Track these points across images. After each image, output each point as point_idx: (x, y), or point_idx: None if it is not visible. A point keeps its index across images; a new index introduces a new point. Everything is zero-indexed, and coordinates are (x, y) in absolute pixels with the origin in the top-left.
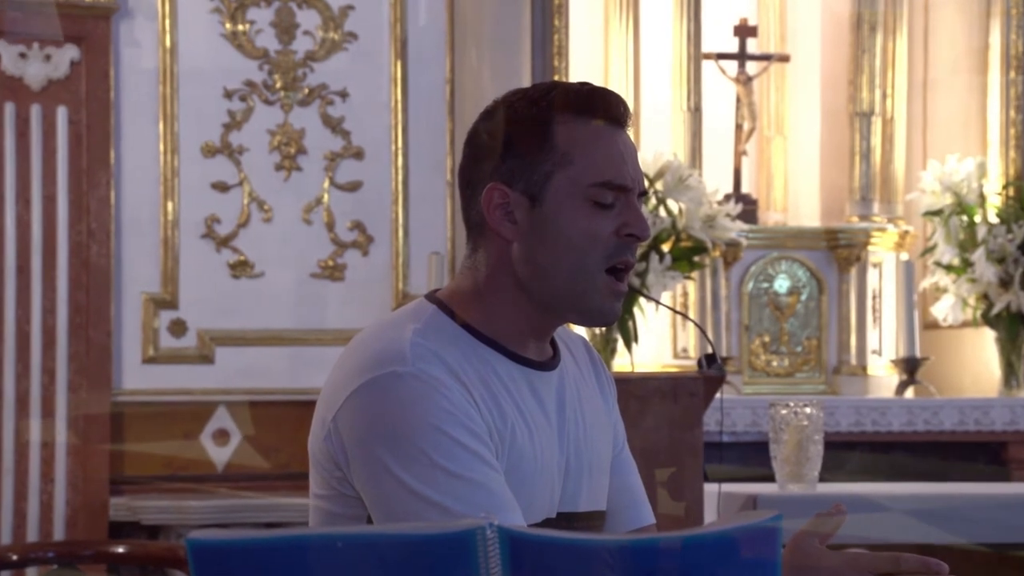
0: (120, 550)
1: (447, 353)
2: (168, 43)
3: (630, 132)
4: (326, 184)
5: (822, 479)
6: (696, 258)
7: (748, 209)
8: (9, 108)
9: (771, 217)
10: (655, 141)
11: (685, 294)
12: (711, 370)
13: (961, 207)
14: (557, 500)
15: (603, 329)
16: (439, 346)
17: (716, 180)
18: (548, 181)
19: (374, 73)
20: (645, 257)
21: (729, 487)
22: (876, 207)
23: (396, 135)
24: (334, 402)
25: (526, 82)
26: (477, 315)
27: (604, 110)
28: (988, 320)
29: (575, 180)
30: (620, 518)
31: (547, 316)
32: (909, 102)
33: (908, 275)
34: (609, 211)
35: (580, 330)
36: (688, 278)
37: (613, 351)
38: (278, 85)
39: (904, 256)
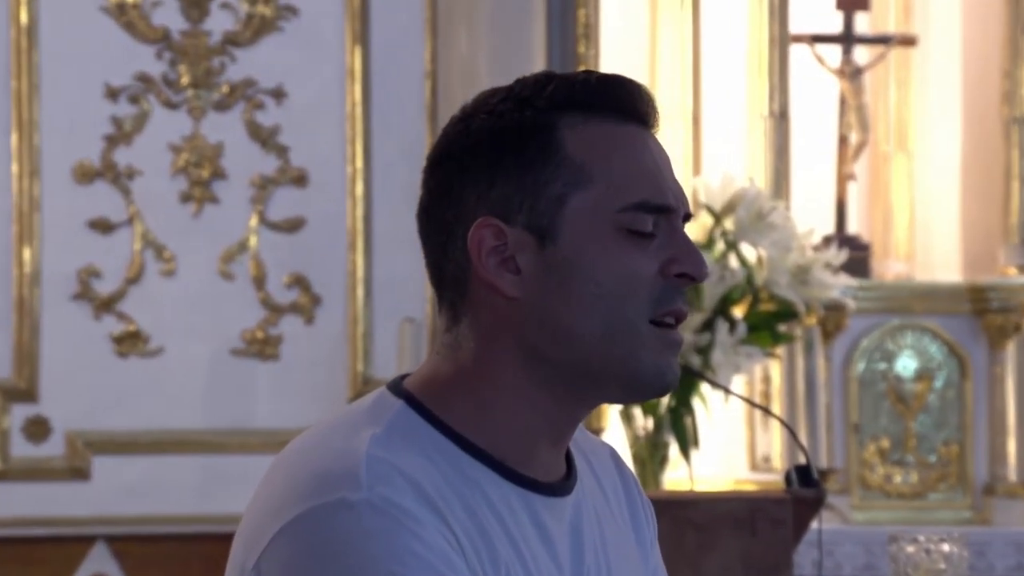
0: None
1: (419, 471)
2: (24, 19)
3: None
4: (254, 222)
5: None
6: (783, 327)
7: (857, 257)
8: None
9: (890, 268)
10: (722, 160)
11: (767, 379)
12: (805, 489)
13: None
14: None
15: (648, 429)
16: (407, 461)
17: (810, 215)
18: (561, 208)
19: (322, 64)
20: (710, 326)
21: None
22: None
23: (354, 152)
24: (257, 541)
25: (538, 66)
26: (463, 414)
27: (624, 105)
28: None
29: (599, 203)
30: None
31: (570, 404)
32: None
33: None
34: (649, 242)
35: (613, 431)
36: (771, 356)
37: (663, 460)
38: (184, 81)
39: None
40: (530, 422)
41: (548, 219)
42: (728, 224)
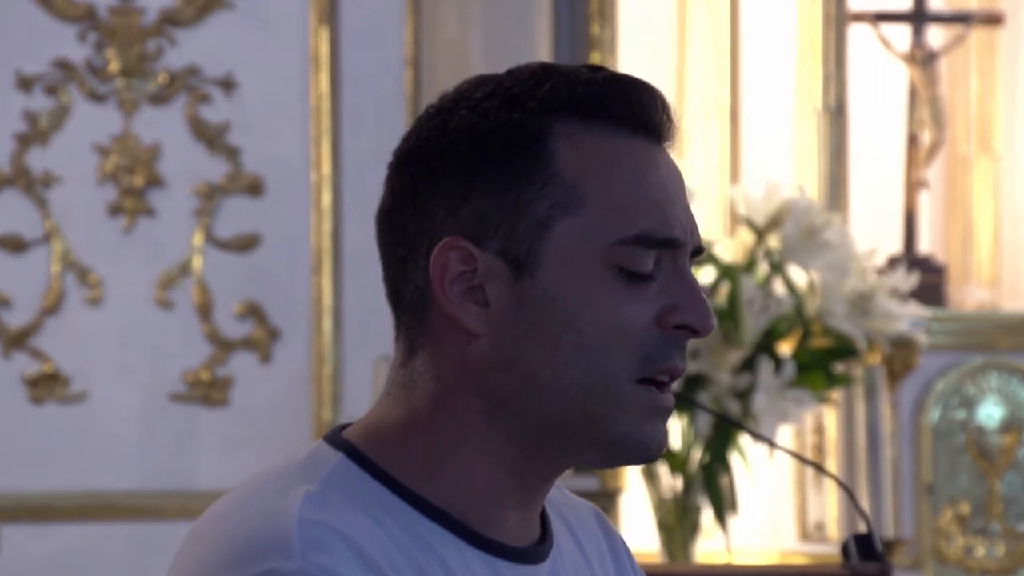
0: None
1: (362, 533)
2: None
3: (673, 152)
4: (198, 239)
5: None
6: (839, 367)
7: (930, 282)
8: None
9: (970, 295)
10: (765, 165)
11: (820, 430)
12: (866, 563)
13: None
14: None
15: (676, 490)
16: (347, 521)
17: (873, 232)
18: (544, 234)
19: (281, 49)
20: (751, 365)
21: None
22: None
23: (319, 155)
24: None
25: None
26: (414, 466)
27: (636, 114)
28: None
29: (590, 233)
30: None
31: (542, 461)
32: None
33: None
34: (647, 285)
35: (633, 492)
36: (825, 402)
37: (695, 528)
38: (113, 68)
39: None
40: (495, 478)
41: (528, 246)
42: (773, 242)
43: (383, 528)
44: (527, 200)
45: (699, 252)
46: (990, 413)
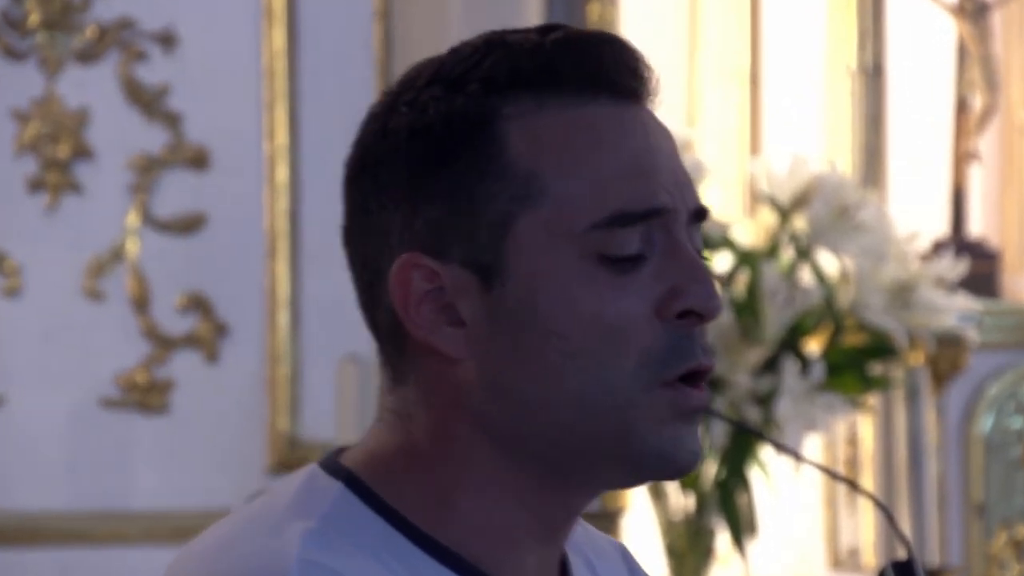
0: None
1: None
2: None
3: (656, 110)
4: (133, 220)
5: None
6: (876, 368)
7: (982, 269)
8: None
9: None
10: (791, 135)
11: (854, 441)
12: None
13: None
14: None
15: (688, 511)
16: (351, 565)
17: (916, 212)
18: (507, 235)
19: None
20: (773, 366)
21: None
22: None
23: (273, 122)
24: None
25: (531, 18)
26: (422, 503)
27: (592, 75)
28: None
29: (557, 223)
30: None
31: (561, 491)
32: None
33: None
34: (639, 270)
35: (637, 513)
36: (860, 407)
37: (709, 554)
38: (33, 20)
39: None
40: (509, 515)
41: (492, 251)
42: (800, 224)
43: (390, 572)
44: (482, 198)
45: (701, 216)
46: None
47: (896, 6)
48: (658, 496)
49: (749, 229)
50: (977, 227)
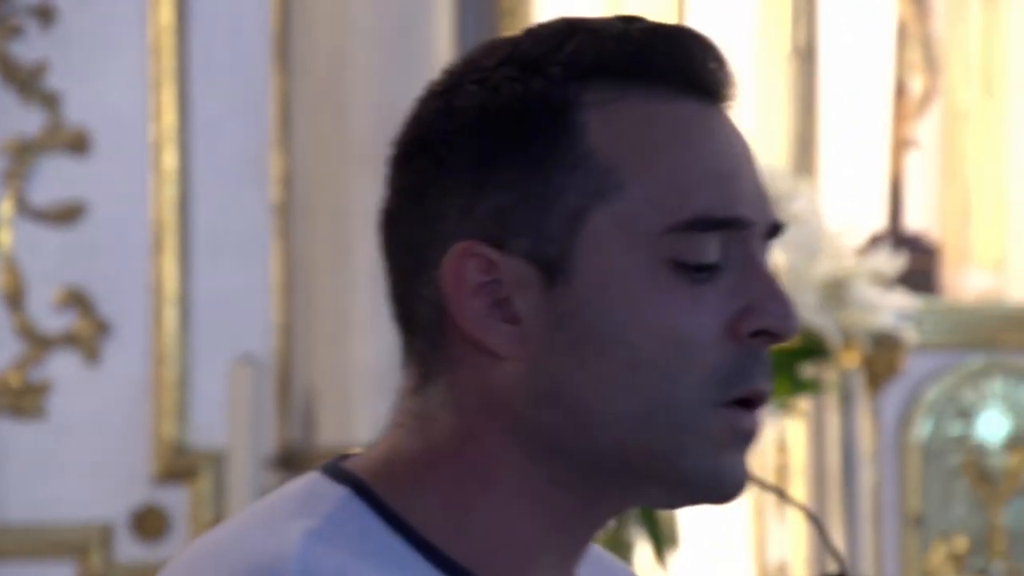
0: None
1: None
2: None
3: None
4: (7, 208)
5: None
6: (808, 370)
7: (920, 265)
8: None
9: (970, 282)
10: None
11: (783, 448)
12: None
13: None
14: None
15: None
16: (353, 564)
17: (849, 203)
18: (579, 229)
19: None
20: None
21: None
22: None
23: (160, 103)
24: None
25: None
26: (435, 514)
27: (681, 70)
28: None
29: (634, 222)
30: None
31: (594, 509)
32: None
33: None
34: (714, 281)
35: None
36: (790, 413)
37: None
38: None
39: None
40: (532, 531)
41: (560, 245)
42: None
43: None
44: (555, 188)
45: (776, 232)
46: (993, 427)
47: None
48: None
49: None
50: (916, 220)
